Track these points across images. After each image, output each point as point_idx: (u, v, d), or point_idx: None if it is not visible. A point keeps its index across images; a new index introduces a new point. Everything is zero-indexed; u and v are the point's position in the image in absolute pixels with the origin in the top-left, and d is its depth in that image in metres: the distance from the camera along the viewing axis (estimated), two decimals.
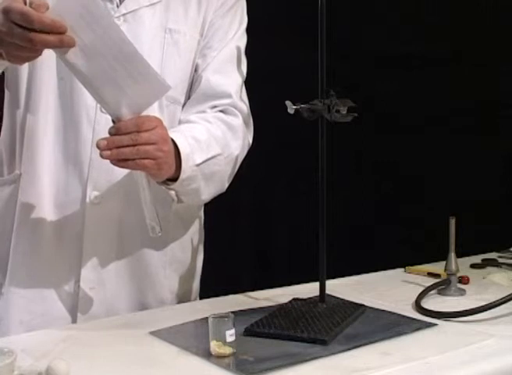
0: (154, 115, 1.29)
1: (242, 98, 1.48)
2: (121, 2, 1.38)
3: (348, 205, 2.54)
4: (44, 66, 1.36)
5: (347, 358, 1.11)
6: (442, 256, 1.48)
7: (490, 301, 1.29)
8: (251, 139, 1.50)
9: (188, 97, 1.46)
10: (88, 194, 1.37)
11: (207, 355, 1.11)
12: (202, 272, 1.57)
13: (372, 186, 2.65)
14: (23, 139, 1.39)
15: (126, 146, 1.20)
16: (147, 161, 1.22)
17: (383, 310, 1.35)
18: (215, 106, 1.44)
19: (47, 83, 1.37)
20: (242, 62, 1.49)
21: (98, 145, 1.20)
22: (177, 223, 1.48)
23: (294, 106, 1.27)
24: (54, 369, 0.99)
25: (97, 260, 1.39)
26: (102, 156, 1.20)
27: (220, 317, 1.11)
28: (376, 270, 1.68)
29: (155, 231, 1.28)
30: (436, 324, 1.26)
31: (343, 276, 1.61)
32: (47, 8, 1.11)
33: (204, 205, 1.54)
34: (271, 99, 1.68)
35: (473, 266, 1.72)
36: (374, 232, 2.63)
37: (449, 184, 2.56)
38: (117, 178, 1.38)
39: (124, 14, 1.37)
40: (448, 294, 1.46)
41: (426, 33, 2.59)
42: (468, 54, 2.61)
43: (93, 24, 1.13)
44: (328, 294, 1.35)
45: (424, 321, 1.28)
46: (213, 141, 1.38)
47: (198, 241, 1.55)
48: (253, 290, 1.50)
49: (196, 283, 1.56)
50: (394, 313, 1.32)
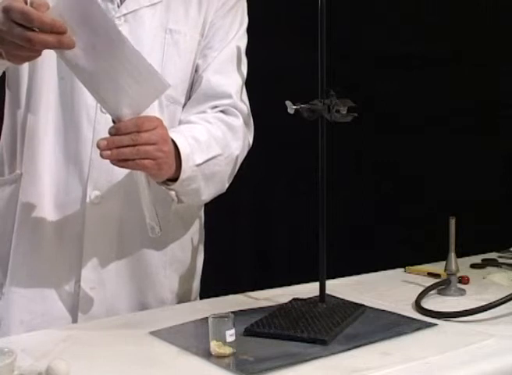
0: (154, 115, 1.29)
1: (242, 98, 1.48)
2: (122, 2, 1.38)
3: (348, 205, 2.54)
4: (45, 65, 1.36)
5: (347, 358, 1.11)
6: (442, 256, 1.48)
7: (490, 301, 1.29)
8: (251, 139, 1.50)
9: (188, 97, 1.46)
10: (88, 194, 1.37)
11: (207, 355, 1.11)
12: (202, 272, 1.58)
13: (372, 186, 2.65)
14: (24, 139, 1.39)
15: (126, 146, 1.20)
16: (147, 161, 1.22)
17: (383, 310, 1.35)
18: (215, 106, 1.44)
19: (47, 83, 1.37)
20: (242, 62, 1.49)
21: (98, 145, 1.20)
22: (177, 223, 1.48)
23: (294, 106, 1.27)
24: (54, 369, 1.00)
25: (98, 260, 1.39)
26: (102, 156, 1.20)
27: (220, 317, 1.11)
28: (376, 270, 1.68)
29: (155, 231, 1.28)
30: (436, 324, 1.26)
31: (343, 276, 1.61)
32: (47, 8, 1.11)
33: (205, 205, 1.54)
34: (271, 99, 1.68)
35: (473, 266, 1.72)
36: (374, 232, 2.63)
37: (449, 184, 2.56)
38: (117, 178, 1.38)
39: (125, 14, 1.37)
40: (448, 294, 1.46)
41: (426, 33, 2.59)
42: (468, 54, 2.61)
43: (93, 24, 1.13)
44: (328, 294, 1.35)
45: (424, 321, 1.28)
46: (213, 141, 1.38)
47: (198, 241, 1.55)
48: (253, 290, 1.50)
49: (196, 283, 1.56)
50: (394, 313, 1.32)
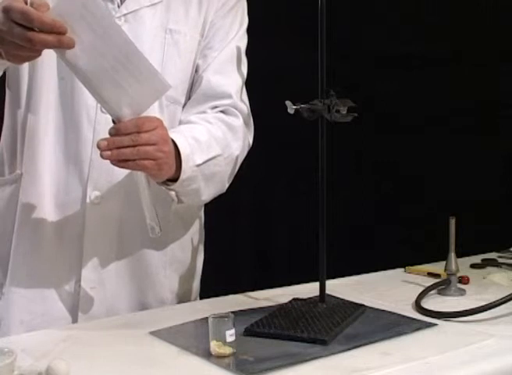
0: (154, 115, 1.29)
1: (242, 98, 1.48)
2: (122, 2, 1.38)
3: (348, 205, 2.54)
4: (45, 65, 1.36)
5: (347, 358, 1.11)
6: (442, 256, 1.48)
7: (490, 301, 1.29)
8: (251, 139, 1.50)
9: (188, 97, 1.46)
10: (88, 194, 1.37)
11: (207, 355, 1.11)
12: (202, 272, 1.58)
13: (372, 186, 2.65)
14: (24, 139, 1.39)
15: (126, 147, 1.20)
16: (147, 161, 1.22)
17: (383, 310, 1.35)
18: (215, 107, 1.44)
19: (48, 83, 1.37)
20: (242, 62, 1.49)
21: (99, 146, 1.20)
22: (177, 224, 1.48)
23: (294, 106, 1.27)
24: (54, 369, 1.00)
25: (98, 260, 1.39)
26: (102, 157, 1.20)
27: (220, 317, 1.11)
28: (376, 270, 1.67)
29: (155, 231, 1.29)
30: (436, 324, 1.26)
31: (343, 276, 1.61)
32: (47, 9, 1.11)
33: (205, 205, 1.54)
34: (271, 99, 1.68)
35: (473, 266, 1.72)
36: (374, 232, 2.63)
37: (449, 184, 2.56)
38: (117, 178, 1.38)
39: (125, 14, 1.37)
40: (448, 294, 1.46)
41: (426, 33, 2.59)
42: (468, 54, 2.61)
43: (93, 24, 1.13)
44: (328, 294, 1.35)
45: (424, 321, 1.28)
46: (213, 141, 1.38)
47: (198, 241, 1.55)
48: (253, 290, 1.50)
49: (196, 283, 1.56)
50: (394, 313, 1.32)
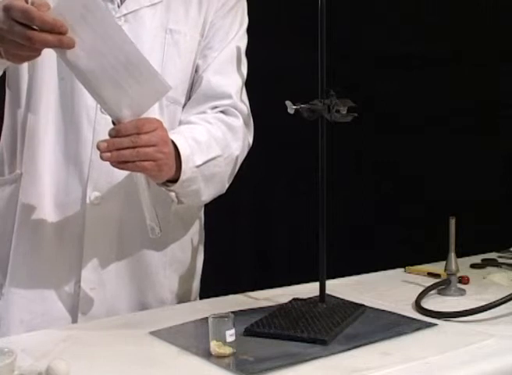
0: (154, 116, 1.29)
1: (242, 98, 1.48)
2: (122, 3, 1.38)
3: (348, 205, 2.54)
4: (45, 65, 1.36)
5: (347, 358, 1.11)
6: (442, 256, 1.48)
7: (490, 301, 1.29)
8: (251, 140, 1.50)
9: (188, 97, 1.46)
10: (88, 195, 1.37)
11: (207, 355, 1.11)
12: (202, 272, 1.57)
13: (372, 186, 2.65)
14: (24, 138, 1.39)
15: (126, 148, 1.20)
16: (147, 163, 1.22)
17: (383, 310, 1.35)
18: (215, 107, 1.44)
19: (48, 83, 1.37)
20: (242, 62, 1.49)
21: (98, 147, 1.20)
22: (177, 224, 1.48)
23: (294, 106, 1.27)
24: (54, 369, 0.99)
25: (98, 261, 1.39)
26: (102, 158, 1.20)
27: (220, 317, 1.11)
28: (376, 270, 1.67)
29: (155, 232, 1.28)
30: (436, 324, 1.26)
31: (343, 276, 1.61)
32: (48, 8, 1.11)
33: (205, 205, 1.54)
34: (271, 99, 1.68)
35: (473, 266, 1.72)
36: (374, 232, 2.63)
37: (449, 184, 2.56)
38: (117, 179, 1.38)
39: (125, 14, 1.37)
40: (448, 294, 1.46)
41: (426, 33, 2.59)
42: (468, 54, 2.61)
43: (94, 24, 1.13)
44: (328, 294, 1.35)
45: (424, 321, 1.28)
46: (213, 142, 1.38)
47: (198, 242, 1.55)
48: (253, 290, 1.50)
49: (196, 283, 1.56)
50: (394, 313, 1.32)
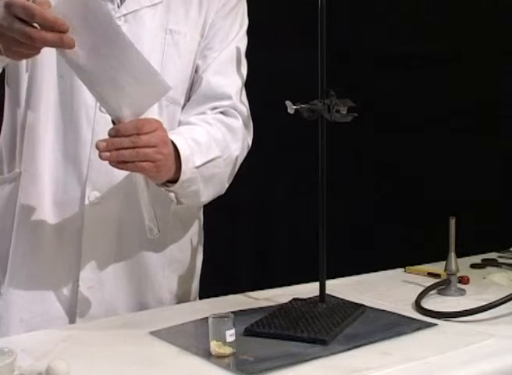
0: (153, 116, 1.29)
1: (242, 99, 1.48)
2: (122, 3, 1.38)
3: (348, 205, 2.54)
4: (45, 63, 1.36)
5: (347, 358, 1.11)
6: (442, 256, 1.48)
7: (490, 301, 1.29)
8: (251, 141, 1.50)
9: (188, 98, 1.46)
10: (87, 195, 1.37)
11: (207, 355, 1.11)
12: (202, 272, 1.57)
13: (372, 186, 2.65)
14: (24, 137, 1.39)
15: (125, 148, 1.20)
16: (146, 163, 1.22)
17: (383, 310, 1.35)
18: (215, 108, 1.44)
19: (47, 81, 1.37)
20: (242, 63, 1.49)
21: (98, 147, 1.19)
22: (176, 225, 1.48)
23: (294, 106, 1.27)
24: (54, 369, 0.99)
25: (96, 261, 1.38)
26: (101, 158, 1.20)
27: (220, 317, 1.11)
28: (376, 270, 1.67)
29: (153, 233, 1.28)
30: (436, 324, 1.26)
31: (343, 276, 1.61)
32: (49, 7, 1.10)
33: (204, 205, 1.54)
34: (271, 99, 1.68)
35: (473, 266, 1.72)
36: (374, 232, 2.63)
37: (449, 184, 2.56)
38: (116, 179, 1.37)
39: (125, 14, 1.37)
40: (448, 294, 1.46)
41: (426, 33, 2.59)
42: (468, 54, 2.61)
43: (94, 24, 1.13)
44: (328, 294, 1.35)
45: (424, 321, 1.28)
46: (213, 143, 1.38)
47: (197, 242, 1.55)
48: (253, 290, 1.50)
49: (195, 283, 1.56)
50: (394, 313, 1.32)
